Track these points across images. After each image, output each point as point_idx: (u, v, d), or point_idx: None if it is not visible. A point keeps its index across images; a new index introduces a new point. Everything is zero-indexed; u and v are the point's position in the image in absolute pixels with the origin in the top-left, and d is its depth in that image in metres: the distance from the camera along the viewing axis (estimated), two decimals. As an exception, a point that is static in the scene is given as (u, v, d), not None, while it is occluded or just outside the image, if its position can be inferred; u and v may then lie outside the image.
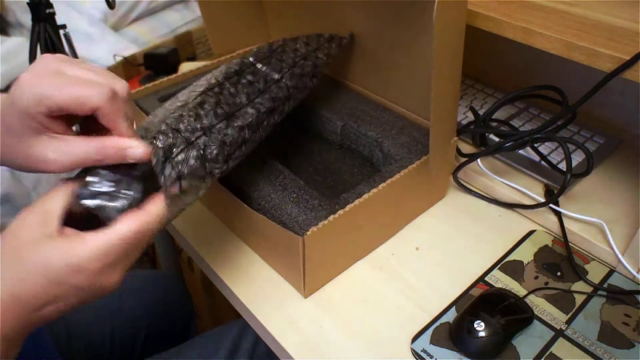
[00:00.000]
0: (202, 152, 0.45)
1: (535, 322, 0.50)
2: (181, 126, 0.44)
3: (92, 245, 0.34)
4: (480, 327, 0.47)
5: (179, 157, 0.42)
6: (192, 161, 0.43)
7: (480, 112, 0.67)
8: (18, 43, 1.33)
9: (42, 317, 0.35)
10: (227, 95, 0.51)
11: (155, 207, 0.38)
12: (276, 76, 0.55)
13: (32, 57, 0.67)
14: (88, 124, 0.38)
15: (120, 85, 0.37)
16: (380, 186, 0.52)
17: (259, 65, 0.56)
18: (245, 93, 0.52)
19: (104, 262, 0.35)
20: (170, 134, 0.43)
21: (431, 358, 0.47)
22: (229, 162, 0.48)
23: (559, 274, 0.55)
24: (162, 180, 0.40)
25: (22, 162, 0.37)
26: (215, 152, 0.46)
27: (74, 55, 0.70)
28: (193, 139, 0.44)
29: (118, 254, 0.35)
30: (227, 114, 0.49)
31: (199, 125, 0.46)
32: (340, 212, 0.49)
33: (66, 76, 0.36)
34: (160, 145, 0.42)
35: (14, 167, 0.38)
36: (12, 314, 0.33)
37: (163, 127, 0.43)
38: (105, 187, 0.37)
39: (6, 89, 1.28)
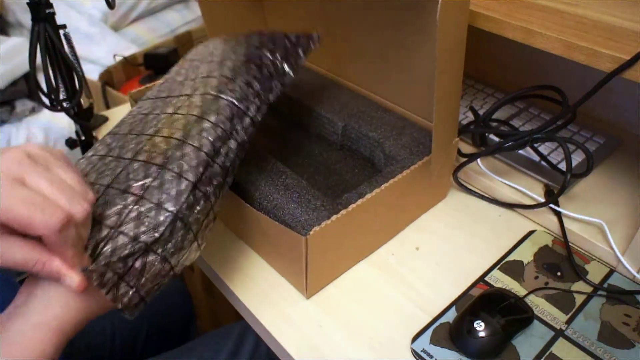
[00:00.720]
0: (162, 254, 0.39)
1: (535, 322, 0.50)
2: (142, 229, 0.38)
3: None
4: (480, 327, 0.47)
5: (137, 265, 0.38)
6: (151, 268, 0.39)
7: (480, 112, 0.67)
8: (18, 43, 1.33)
9: None
10: (192, 153, 0.43)
11: None
12: (242, 106, 0.48)
13: (32, 57, 0.66)
14: None
15: (80, 208, 0.35)
16: (383, 186, 0.52)
17: (223, 96, 0.47)
18: (210, 143, 0.44)
19: None
20: (129, 244, 0.38)
21: (431, 358, 0.47)
22: (199, 239, 0.43)
23: (559, 274, 0.55)
24: (118, 301, 0.38)
25: None
26: (179, 240, 0.40)
27: (74, 55, 0.69)
28: (150, 243, 0.38)
29: None
30: (193, 185, 0.42)
31: (161, 218, 0.39)
32: (343, 212, 0.49)
33: (23, 190, 0.33)
34: (109, 254, 0.37)
35: None
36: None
37: (119, 237, 0.38)
38: None
39: (6, 89, 1.28)
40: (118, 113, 0.84)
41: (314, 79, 0.73)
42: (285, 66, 0.53)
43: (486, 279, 0.54)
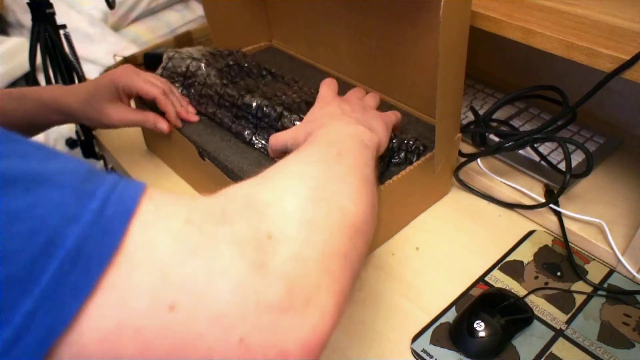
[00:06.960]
0: None
1: (535, 322, 0.50)
2: None
3: None
4: (480, 327, 0.47)
5: None
6: None
7: (481, 112, 0.67)
8: (18, 43, 1.33)
9: None
10: None
11: None
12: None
13: (32, 57, 0.67)
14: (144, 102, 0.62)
15: (169, 86, 0.63)
16: (386, 182, 0.52)
17: None
18: None
19: None
20: None
21: (431, 358, 0.47)
22: None
23: (559, 274, 0.55)
24: None
25: (95, 116, 0.59)
26: None
27: (74, 55, 0.70)
28: None
29: None
30: None
31: None
32: (342, 211, 0.49)
33: (142, 75, 0.61)
34: None
35: (85, 121, 0.61)
36: None
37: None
38: None
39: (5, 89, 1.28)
40: (118, 113, 0.84)
41: (316, 77, 0.73)
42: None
43: (486, 279, 0.54)
